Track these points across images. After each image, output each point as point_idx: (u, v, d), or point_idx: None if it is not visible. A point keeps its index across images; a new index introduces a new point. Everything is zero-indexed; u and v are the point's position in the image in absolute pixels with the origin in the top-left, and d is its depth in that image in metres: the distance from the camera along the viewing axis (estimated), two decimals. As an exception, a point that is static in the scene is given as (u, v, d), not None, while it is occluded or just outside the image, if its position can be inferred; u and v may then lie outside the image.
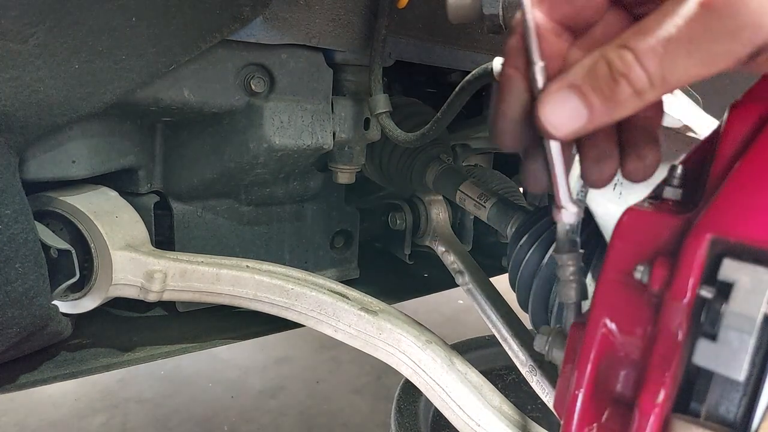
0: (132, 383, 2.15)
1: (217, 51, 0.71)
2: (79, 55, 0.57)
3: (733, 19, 0.23)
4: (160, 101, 0.69)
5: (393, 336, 0.78)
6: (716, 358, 0.29)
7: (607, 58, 0.27)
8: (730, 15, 0.23)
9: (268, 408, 2.05)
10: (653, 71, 0.26)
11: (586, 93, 0.28)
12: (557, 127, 0.29)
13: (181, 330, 0.91)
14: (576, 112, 0.28)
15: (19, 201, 0.59)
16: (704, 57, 0.25)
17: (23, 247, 0.60)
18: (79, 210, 0.72)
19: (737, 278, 0.29)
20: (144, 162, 0.80)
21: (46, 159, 0.67)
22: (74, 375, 0.78)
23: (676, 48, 0.25)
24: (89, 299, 0.75)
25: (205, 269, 0.77)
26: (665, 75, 0.26)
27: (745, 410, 0.31)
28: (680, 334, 0.32)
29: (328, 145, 0.84)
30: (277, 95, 0.78)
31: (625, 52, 0.26)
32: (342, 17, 0.79)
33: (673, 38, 0.25)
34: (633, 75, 0.26)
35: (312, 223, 1.00)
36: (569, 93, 0.28)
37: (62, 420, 1.93)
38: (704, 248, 0.31)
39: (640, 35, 0.26)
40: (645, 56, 0.26)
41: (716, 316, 0.29)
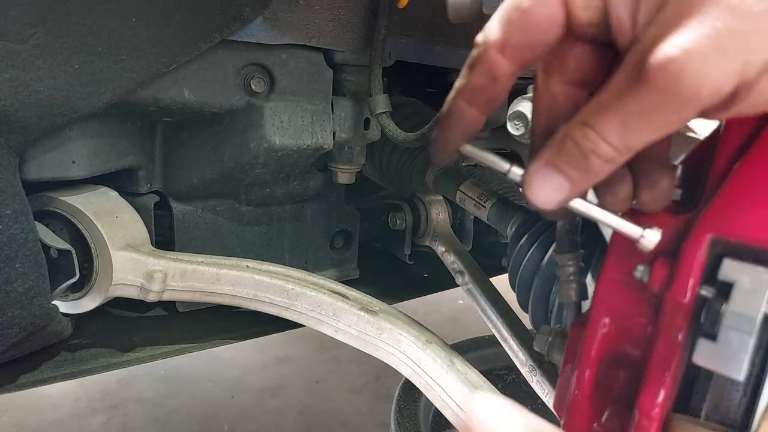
0: (132, 383, 2.15)
1: (217, 51, 0.71)
2: (79, 55, 0.57)
3: (675, 95, 0.26)
4: (160, 101, 0.69)
5: (393, 336, 0.78)
6: (716, 358, 0.29)
7: (574, 138, 0.30)
8: (672, 91, 0.26)
9: (267, 407, 2.05)
10: (616, 144, 0.28)
11: (563, 168, 0.30)
12: (545, 202, 0.31)
13: (181, 330, 0.90)
14: (558, 185, 0.31)
15: (19, 201, 0.59)
16: (658, 125, 0.27)
17: (23, 247, 0.60)
18: (79, 210, 0.72)
19: (737, 278, 0.29)
20: (144, 162, 0.80)
21: (46, 159, 0.67)
22: (74, 375, 0.78)
23: (632, 121, 0.27)
24: (89, 299, 0.75)
25: (205, 269, 0.77)
26: (627, 144, 0.28)
27: (745, 410, 0.31)
28: (680, 334, 0.32)
29: (328, 145, 0.84)
30: (277, 95, 0.78)
31: (588, 131, 0.29)
32: (342, 17, 0.79)
33: (627, 114, 0.27)
34: (599, 150, 0.29)
35: (312, 223, 1.00)
36: (548, 171, 0.31)
37: (62, 420, 1.93)
38: (704, 248, 0.31)
39: (598, 113, 0.29)
40: (606, 132, 0.28)
41: (716, 316, 0.29)
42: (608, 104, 0.28)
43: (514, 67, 0.33)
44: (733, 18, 0.25)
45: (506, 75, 0.33)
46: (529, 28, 0.31)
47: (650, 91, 0.26)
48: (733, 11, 0.25)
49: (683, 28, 0.26)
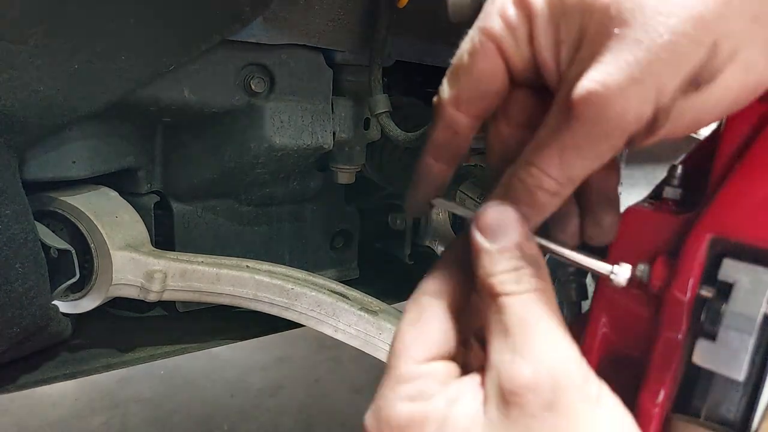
0: (132, 383, 2.15)
1: (217, 51, 0.71)
2: (79, 55, 0.57)
3: (601, 124, 0.28)
4: (160, 101, 0.69)
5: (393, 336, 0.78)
6: (716, 358, 0.29)
7: (519, 177, 0.32)
8: (598, 122, 0.28)
9: (267, 407, 2.05)
10: (557, 176, 0.31)
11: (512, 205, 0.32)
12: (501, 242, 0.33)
13: (181, 330, 0.90)
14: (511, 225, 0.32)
15: (20, 201, 0.59)
16: (592, 155, 0.30)
17: (23, 247, 0.60)
18: (79, 210, 0.72)
19: (737, 278, 0.29)
20: (144, 162, 0.80)
21: (47, 159, 0.67)
22: (74, 375, 0.78)
23: (568, 153, 0.30)
24: (89, 299, 0.75)
25: (205, 269, 0.77)
26: (568, 175, 0.31)
27: (745, 410, 0.31)
28: (680, 334, 0.32)
29: (328, 145, 0.84)
30: (277, 95, 0.78)
31: (531, 168, 0.31)
32: (342, 17, 0.79)
33: (563, 148, 0.30)
34: (544, 184, 0.31)
35: (312, 223, 1.00)
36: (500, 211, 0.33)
37: (62, 420, 1.93)
38: (704, 248, 0.31)
39: (538, 150, 0.31)
40: (547, 168, 0.31)
41: (716, 316, 0.29)
42: (546, 141, 0.31)
43: (471, 119, 0.35)
44: (641, 50, 0.27)
45: (465, 128, 0.36)
46: (475, 81, 0.34)
47: (579, 123, 0.29)
48: (640, 44, 0.27)
49: (599, 63, 0.28)
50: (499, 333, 0.30)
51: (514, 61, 0.33)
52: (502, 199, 0.33)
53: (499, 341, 0.30)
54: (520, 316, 0.30)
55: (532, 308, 0.30)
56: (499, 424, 0.28)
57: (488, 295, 0.31)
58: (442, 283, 0.35)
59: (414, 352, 0.33)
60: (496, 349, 0.30)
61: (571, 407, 0.27)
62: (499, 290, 0.31)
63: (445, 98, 0.35)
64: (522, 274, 0.31)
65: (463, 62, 0.34)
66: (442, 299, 0.34)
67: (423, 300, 0.35)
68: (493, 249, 0.31)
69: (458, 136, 0.36)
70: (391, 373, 0.33)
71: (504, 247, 0.31)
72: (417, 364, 0.32)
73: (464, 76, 0.34)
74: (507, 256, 0.31)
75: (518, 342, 0.29)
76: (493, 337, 0.30)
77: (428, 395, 0.31)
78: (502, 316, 0.30)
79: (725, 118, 0.34)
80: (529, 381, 0.28)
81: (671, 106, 0.28)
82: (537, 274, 0.31)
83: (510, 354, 0.29)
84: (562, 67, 0.31)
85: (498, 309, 0.31)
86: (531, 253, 0.32)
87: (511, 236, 0.31)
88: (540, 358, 0.28)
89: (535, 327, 0.29)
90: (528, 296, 0.30)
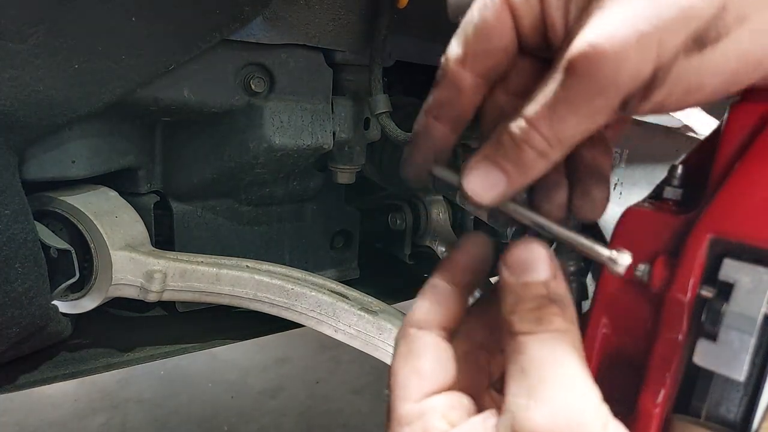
0: (132, 383, 2.15)
1: (217, 51, 0.71)
2: (79, 54, 0.57)
3: (597, 80, 0.27)
4: (159, 101, 0.69)
5: (393, 336, 0.78)
6: (716, 359, 0.29)
7: (508, 130, 0.30)
8: (594, 77, 0.27)
9: (267, 408, 2.05)
10: (546, 133, 0.29)
11: (499, 161, 0.31)
12: (482, 195, 0.32)
13: (181, 330, 0.90)
14: (495, 179, 0.31)
15: (19, 201, 0.59)
16: (585, 113, 0.28)
17: (23, 247, 0.60)
18: (78, 210, 0.72)
19: (738, 278, 0.29)
20: (144, 162, 0.80)
21: (46, 159, 0.67)
22: (74, 375, 0.78)
23: (560, 110, 0.28)
24: (89, 299, 0.75)
25: (204, 269, 0.77)
26: (558, 135, 0.29)
27: (746, 410, 0.31)
28: (680, 335, 0.32)
29: (328, 145, 0.84)
30: (277, 95, 0.78)
31: (521, 121, 0.30)
32: (342, 17, 0.79)
33: (555, 103, 0.28)
34: (532, 140, 0.30)
35: (312, 223, 1.00)
36: (485, 164, 0.31)
37: (62, 420, 1.93)
38: (705, 248, 0.31)
39: (530, 106, 0.30)
40: (537, 122, 0.29)
41: (716, 316, 0.29)
42: (539, 97, 0.29)
43: (476, 77, 0.34)
44: (647, 5, 0.26)
45: (469, 87, 0.34)
46: (483, 37, 0.33)
47: (574, 79, 0.27)
48: None
49: (602, 17, 0.27)
50: (516, 374, 0.29)
51: (523, 19, 0.32)
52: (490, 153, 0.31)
53: (515, 383, 0.29)
54: (538, 357, 0.28)
55: (552, 349, 0.28)
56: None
57: (508, 332, 0.30)
58: (431, 310, 0.34)
59: (410, 391, 0.31)
60: (512, 391, 0.29)
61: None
62: (518, 328, 0.30)
63: (451, 55, 0.34)
64: (545, 313, 0.29)
65: (473, 18, 0.33)
66: (431, 327, 0.33)
67: (411, 332, 0.33)
68: (518, 283, 0.30)
69: (462, 95, 0.34)
70: (392, 416, 0.32)
71: (529, 282, 0.30)
72: (415, 403, 0.31)
73: (472, 32, 0.33)
74: (531, 293, 0.30)
75: (535, 385, 0.28)
76: (511, 378, 0.29)
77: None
78: (520, 356, 0.29)
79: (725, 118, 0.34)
80: (543, 427, 0.26)
81: (671, 66, 0.27)
82: (561, 313, 0.30)
83: (525, 398, 0.28)
84: (569, 26, 0.30)
85: (517, 348, 0.29)
86: (558, 292, 0.30)
87: (539, 273, 0.30)
88: (556, 403, 0.27)
89: (553, 369, 0.28)
90: (549, 336, 0.29)
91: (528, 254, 0.31)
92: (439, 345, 0.33)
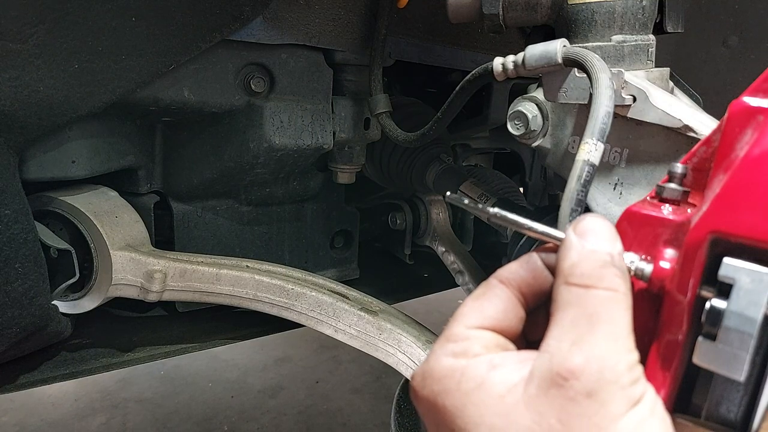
0: (132, 383, 2.15)
1: (217, 51, 0.71)
2: (79, 55, 0.57)
3: None
4: (160, 101, 0.69)
5: (393, 336, 0.78)
6: (716, 359, 0.29)
7: None
8: None
9: (267, 408, 2.05)
10: None
11: None
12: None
13: (181, 330, 0.90)
14: None
15: (19, 201, 0.59)
16: None
17: (23, 247, 0.60)
18: (79, 210, 0.72)
19: (737, 278, 0.29)
20: (144, 162, 0.80)
21: (46, 159, 0.67)
22: (74, 375, 0.78)
23: None
24: (89, 299, 0.75)
25: (204, 269, 0.77)
26: None
27: (746, 410, 0.31)
28: (680, 334, 0.32)
29: (328, 145, 0.84)
30: (277, 95, 0.78)
31: None
32: (342, 17, 0.79)
33: None
34: None
35: (312, 223, 1.00)
36: None
37: (62, 420, 1.93)
38: (704, 248, 0.31)
39: None
40: None
41: (716, 316, 0.29)
42: None
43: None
44: None
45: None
46: None
47: None
48: None
49: None
50: (564, 322, 0.30)
51: None
52: None
53: (562, 330, 0.30)
54: (592, 311, 0.30)
55: (608, 306, 0.30)
56: (536, 399, 0.29)
57: (564, 283, 0.31)
58: (516, 271, 0.36)
59: (468, 318, 0.34)
60: (555, 336, 0.30)
61: (609, 400, 0.28)
62: (578, 281, 0.31)
63: None
64: (608, 272, 0.31)
65: None
66: (511, 286, 0.35)
67: (491, 281, 0.36)
68: (585, 247, 0.32)
69: None
70: (443, 333, 0.34)
71: (597, 249, 0.32)
72: (467, 329, 0.34)
73: None
74: (597, 255, 0.32)
75: (583, 335, 0.30)
76: (557, 324, 0.31)
77: (471, 354, 0.32)
78: (572, 307, 0.31)
79: (725, 117, 0.34)
80: (577, 367, 0.29)
81: None
82: (623, 277, 0.31)
83: (569, 344, 0.30)
84: None
85: (571, 299, 0.31)
86: (620, 266, 0.32)
87: (607, 245, 0.32)
88: (595, 351, 0.29)
89: (601, 325, 0.30)
90: (608, 294, 0.30)
91: (599, 226, 0.33)
92: (510, 299, 0.35)
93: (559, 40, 0.54)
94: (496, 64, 0.58)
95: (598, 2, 0.57)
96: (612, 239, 0.33)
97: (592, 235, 0.32)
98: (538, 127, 0.62)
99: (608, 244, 0.32)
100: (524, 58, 0.55)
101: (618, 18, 0.57)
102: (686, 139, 0.53)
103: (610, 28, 0.57)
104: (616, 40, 0.57)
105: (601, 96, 0.47)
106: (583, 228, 0.33)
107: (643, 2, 0.57)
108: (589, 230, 0.33)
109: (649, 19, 0.58)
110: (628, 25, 0.57)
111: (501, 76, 0.58)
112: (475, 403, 0.30)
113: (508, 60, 0.57)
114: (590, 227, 0.33)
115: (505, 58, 0.57)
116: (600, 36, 0.57)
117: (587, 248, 0.32)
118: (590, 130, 0.45)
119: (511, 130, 0.63)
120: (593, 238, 0.32)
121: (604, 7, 0.57)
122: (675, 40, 1.03)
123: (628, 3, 0.57)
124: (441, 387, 0.32)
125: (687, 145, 0.52)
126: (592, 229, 0.33)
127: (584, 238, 0.32)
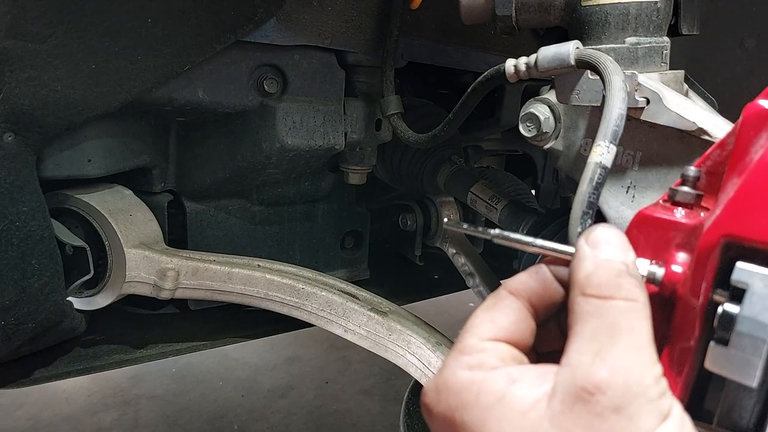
0: (144, 380, 2.17)
1: (231, 52, 0.72)
2: (96, 55, 0.58)
3: None
4: (174, 101, 0.70)
5: (403, 337, 0.78)
6: (729, 364, 0.29)
7: None
8: None
9: (277, 407, 2.06)
10: None
11: None
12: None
13: (193, 328, 0.91)
14: None
15: (36, 198, 0.60)
16: None
17: (39, 243, 0.61)
18: (94, 208, 0.73)
19: (751, 282, 0.29)
20: (158, 161, 0.81)
21: (63, 158, 0.68)
22: (87, 371, 0.79)
23: None
24: (103, 296, 0.76)
25: (216, 268, 0.78)
26: None
27: (759, 417, 0.30)
28: (692, 339, 0.31)
29: (339, 145, 0.84)
30: (289, 96, 0.79)
31: None
32: (354, 18, 0.79)
33: None
34: None
35: (323, 223, 1.00)
36: None
37: (75, 415, 1.96)
38: (717, 251, 0.30)
39: None
40: None
41: (729, 320, 0.29)
42: None
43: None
44: None
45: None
46: None
47: None
48: None
49: None
50: (585, 333, 0.30)
51: None
52: None
53: (583, 342, 0.30)
54: (612, 322, 0.29)
55: (628, 317, 0.30)
56: (561, 415, 0.28)
57: (581, 294, 0.31)
58: (526, 282, 0.35)
59: (480, 329, 0.34)
60: (576, 348, 0.30)
61: (636, 415, 0.27)
62: (596, 292, 0.31)
63: None
64: (625, 282, 0.31)
65: None
66: (521, 297, 0.35)
67: (502, 292, 0.35)
68: (599, 257, 0.32)
69: None
70: (455, 346, 0.34)
71: (611, 258, 0.31)
72: (481, 340, 0.33)
73: None
74: (612, 264, 0.31)
75: (604, 346, 0.29)
76: (577, 336, 0.30)
77: (488, 367, 0.32)
78: (592, 318, 0.30)
79: (739, 120, 0.33)
80: (603, 381, 0.28)
81: None
82: (640, 286, 0.31)
83: (591, 356, 0.29)
84: None
85: (590, 310, 0.30)
86: (636, 275, 0.32)
87: (621, 254, 0.32)
88: (619, 364, 0.28)
89: (623, 336, 0.29)
90: (627, 304, 0.30)
91: (611, 236, 0.32)
92: (521, 310, 0.35)
93: (572, 42, 0.53)
94: (509, 65, 0.58)
95: (612, 4, 0.56)
96: (625, 248, 0.32)
97: (604, 245, 0.32)
98: (551, 129, 0.61)
99: (622, 253, 0.32)
100: (537, 60, 0.55)
101: (632, 20, 0.56)
102: (700, 143, 0.52)
103: (624, 30, 0.57)
104: (629, 42, 0.56)
105: (614, 98, 0.47)
106: (595, 238, 0.33)
107: (658, 4, 0.56)
108: (602, 240, 0.32)
109: (664, 21, 0.58)
110: (642, 27, 0.57)
111: (513, 78, 0.58)
112: (497, 418, 0.30)
113: (520, 61, 0.57)
114: (602, 237, 0.32)
115: (518, 60, 0.57)
116: (614, 38, 0.57)
117: (601, 258, 0.32)
118: (603, 132, 0.44)
119: (523, 132, 0.62)
120: (606, 247, 0.32)
121: (618, 9, 0.56)
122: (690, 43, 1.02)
123: (643, 5, 0.56)
124: (458, 401, 0.31)
125: (701, 148, 0.52)
126: (604, 238, 0.32)
127: (597, 248, 0.32)
